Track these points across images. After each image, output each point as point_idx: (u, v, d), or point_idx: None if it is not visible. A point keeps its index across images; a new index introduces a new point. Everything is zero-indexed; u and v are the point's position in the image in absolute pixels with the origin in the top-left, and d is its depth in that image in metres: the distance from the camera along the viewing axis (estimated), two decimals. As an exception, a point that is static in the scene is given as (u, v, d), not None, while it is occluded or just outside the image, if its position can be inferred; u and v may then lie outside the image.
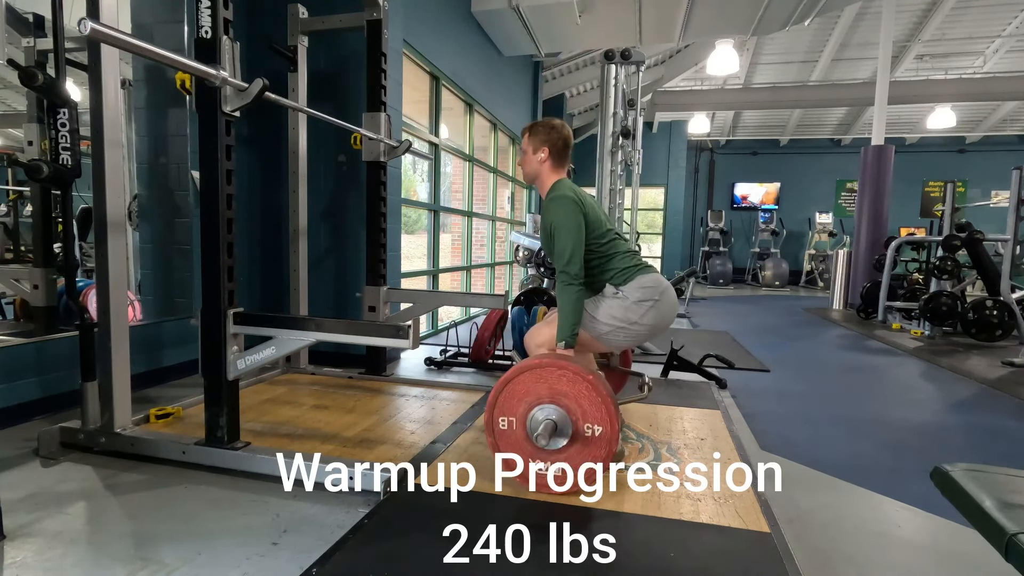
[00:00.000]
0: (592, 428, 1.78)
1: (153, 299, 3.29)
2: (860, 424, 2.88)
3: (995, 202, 10.00)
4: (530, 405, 1.83)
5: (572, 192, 2.08)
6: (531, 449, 1.83)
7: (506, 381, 1.86)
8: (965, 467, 1.06)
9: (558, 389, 1.81)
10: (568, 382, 1.80)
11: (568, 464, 1.81)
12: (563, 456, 1.81)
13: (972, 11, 8.27)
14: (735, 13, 6.07)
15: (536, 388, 1.83)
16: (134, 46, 1.59)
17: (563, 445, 1.80)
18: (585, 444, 1.79)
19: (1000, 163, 11.71)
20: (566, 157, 2.17)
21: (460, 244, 6.67)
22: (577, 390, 1.79)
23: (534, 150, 2.14)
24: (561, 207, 2.03)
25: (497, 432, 1.87)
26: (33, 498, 1.76)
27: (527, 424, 1.83)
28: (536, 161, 2.15)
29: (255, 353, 2.01)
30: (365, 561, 1.44)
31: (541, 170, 2.16)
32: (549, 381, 1.82)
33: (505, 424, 1.86)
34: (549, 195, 2.12)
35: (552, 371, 1.82)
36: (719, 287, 11.92)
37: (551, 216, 2.05)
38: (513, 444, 1.85)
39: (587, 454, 1.80)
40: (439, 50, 4.93)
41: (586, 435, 1.79)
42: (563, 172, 2.18)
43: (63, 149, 2.54)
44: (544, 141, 2.13)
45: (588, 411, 1.79)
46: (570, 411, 1.80)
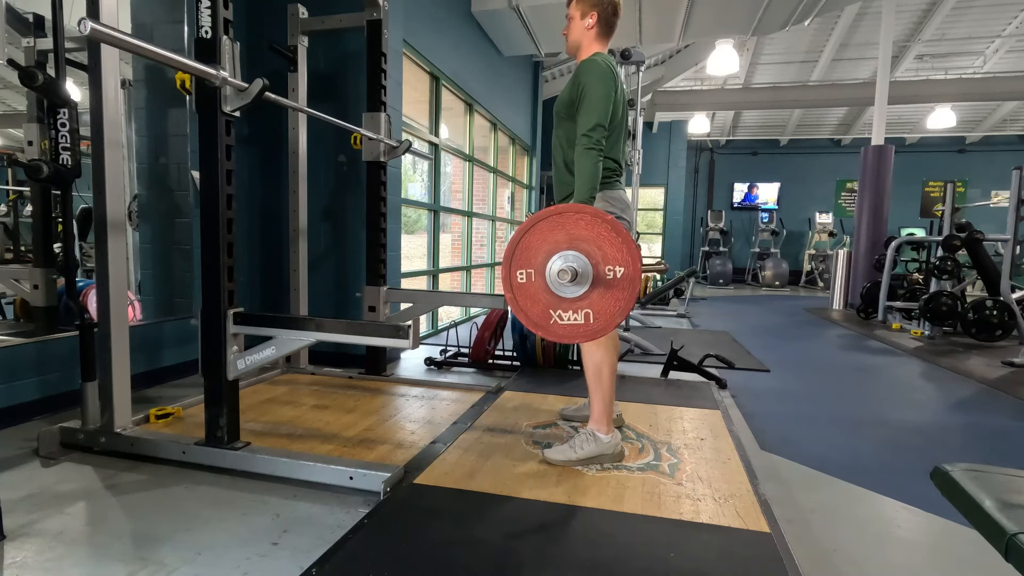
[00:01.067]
0: (614, 270, 1.71)
1: (153, 299, 3.29)
2: (860, 424, 2.88)
3: (995, 202, 9.99)
4: (548, 253, 1.74)
5: (612, 65, 1.98)
6: (551, 299, 1.76)
7: (523, 232, 1.77)
8: (965, 467, 1.06)
9: (576, 234, 1.72)
10: (586, 226, 1.71)
11: (591, 309, 1.74)
12: (586, 302, 1.74)
13: (972, 11, 8.27)
14: (735, 13, 6.07)
15: (554, 235, 1.73)
16: (134, 46, 1.59)
17: (585, 291, 1.73)
18: (608, 287, 1.72)
19: (1000, 163, 11.72)
20: (613, 27, 2.08)
21: (460, 244, 6.67)
22: (596, 233, 1.70)
23: (582, 15, 2.04)
24: (599, 73, 1.95)
25: (515, 286, 1.78)
26: (33, 498, 1.76)
27: (546, 274, 1.75)
28: (583, 27, 2.05)
29: (255, 353, 2.01)
30: (365, 561, 1.44)
31: (586, 37, 2.05)
32: (567, 227, 1.72)
33: (524, 277, 1.77)
34: (587, 60, 2.01)
35: (570, 216, 1.73)
36: (719, 287, 11.92)
37: (586, 79, 1.95)
38: (533, 296, 1.78)
39: (610, 297, 1.72)
40: (439, 50, 4.93)
41: (608, 278, 1.71)
42: (607, 44, 2.08)
43: (63, 149, 2.55)
44: (594, 5, 2.03)
45: (608, 253, 1.70)
46: (590, 255, 1.71)
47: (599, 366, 2.08)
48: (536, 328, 1.80)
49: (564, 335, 1.78)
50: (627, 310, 1.74)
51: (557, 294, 1.74)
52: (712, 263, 12.39)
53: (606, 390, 2.09)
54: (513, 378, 3.35)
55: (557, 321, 1.77)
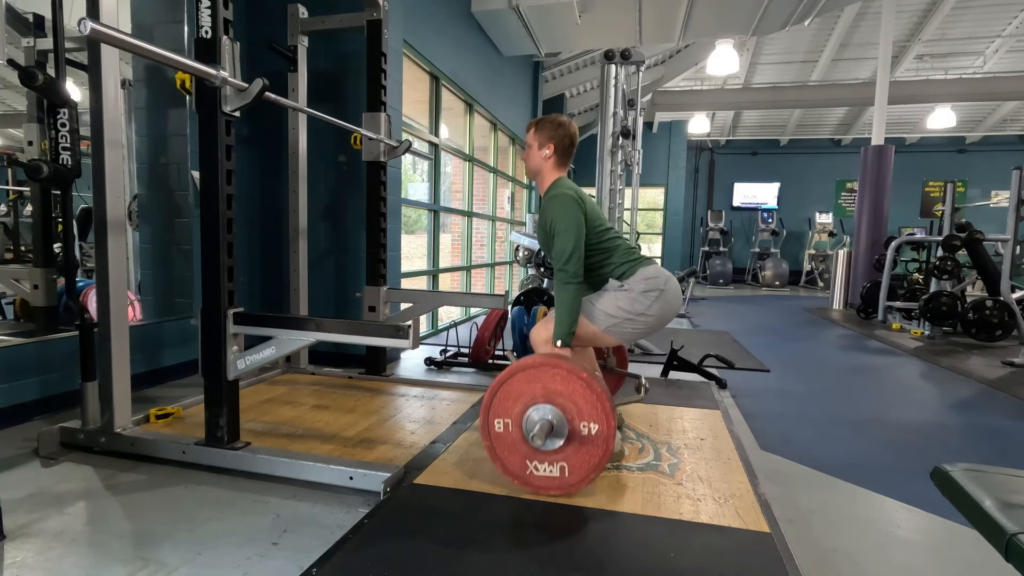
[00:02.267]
0: (588, 426, 1.77)
1: (153, 299, 3.29)
2: (860, 424, 2.88)
3: (995, 202, 9.99)
4: (525, 406, 1.81)
5: (572, 190, 2.07)
6: (528, 450, 1.82)
7: (500, 383, 1.84)
8: (965, 467, 1.06)
9: (552, 388, 1.80)
10: (562, 381, 1.79)
11: (566, 463, 1.80)
12: (561, 456, 1.80)
13: (972, 11, 8.27)
14: (735, 13, 6.07)
15: (530, 388, 1.81)
16: (134, 46, 1.59)
17: (560, 445, 1.79)
18: (582, 443, 1.78)
19: (1000, 163, 11.72)
20: (570, 156, 2.17)
21: (460, 244, 6.67)
22: (571, 388, 1.78)
23: (539, 146, 2.13)
24: (561, 205, 2.03)
25: (493, 435, 1.86)
26: (33, 498, 1.76)
27: (523, 425, 1.82)
28: (540, 157, 2.14)
29: (255, 353, 2.01)
30: (365, 561, 1.44)
31: (544, 166, 2.15)
32: (543, 380, 1.80)
33: (501, 426, 1.84)
34: (548, 192, 2.12)
35: (546, 370, 1.80)
36: (719, 287, 11.92)
37: (551, 214, 2.04)
38: (510, 446, 1.84)
39: (584, 452, 1.79)
40: (439, 50, 4.93)
41: (583, 433, 1.78)
42: (565, 170, 2.18)
43: (63, 149, 2.55)
44: (551, 138, 2.12)
45: (584, 409, 1.78)
46: (565, 410, 1.79)
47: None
48: (513, 478, 1.85)
49: (540, 486, 1.84)
50: (601, 467, 1.79)
51: (533, 446, 1.80)
52: (712, 263, 12.39)
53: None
54: (513, 378, 3.34)
55: (533, 472, 1.84)
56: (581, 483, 1.81)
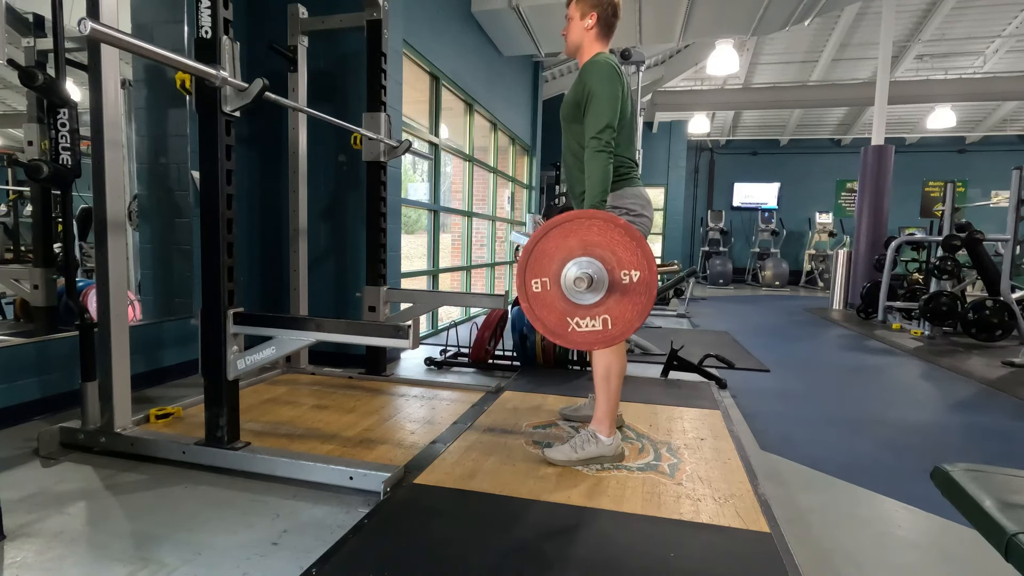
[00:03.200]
0: (629, 274, 1.69)
1: (153, 299, 3.29)
2: (860, 424, 2.88)
3: (995, 202, 10.00)
4: (563, 261, 1.72)
5: (615, 64, 1.98)
6: (568, 307, 1.74)
7: (535, 240, 1.74)
8: (965, 467, 1.06)
9: (589, 240, 1.70)
10: (599, 231, 1.69)
11: (609, 315, 1.72)
12: (603, 308, 1.72)
13: (972, 11, 8.27)
14: (735, 13, 6.07)
15: (567, 243, 1.71)
16: (134, 46, 1.59)
17: (602, 297, 1.71)
18: (624, 292, 1.70)
19: (1000, 163, 11.72)
20: (613, 27, 2.08)
21: (460, 244, 6.67)
22: (609, 238, 1.69)
23: (581, 15, 2.04)
24: (605, 73, 1.94)
25: (531, 296, 1.76)
26: (33, 498, 1.76)
27: (561, 282, 1.73)
28: (582, 27, 2.04)
29: (255, 353, 2.01)
30: (365, 561, 1.44)
31: (586, 38, 2.05)
32: (579, 233, 1.70)
33: (539, 286, 1.75)
34: (590, 61, 2.01)
35: (581, 222, 1.71)
36: (719, 287, 11.92)
37: (591, 81, 1.94)
38: (549, 305, 1.76)
39: (627, 302, 1.71)
40: (439, 50, 4.93)
41: (624, 283, 1.70)
42: (607, 45, 2.08)
43: (63, 149, 2.55)
44: (594, 6, 2.03)
45: (623, 258, 1.69)
46: (604, 260, 1.69)
47: (608, 368, 2.09)
48: (554, 336, 1.77)
49: (583, 342, 1.76)
50: (645, 315, 1.72)
51: (574, 301, 1.73)
52: (712, 263, 12.39)
53: (613, 392, 2.09)
54: (513, 378, 3.35)
55: (575, 328, 1.76)
56: (625, 334, 1.74)
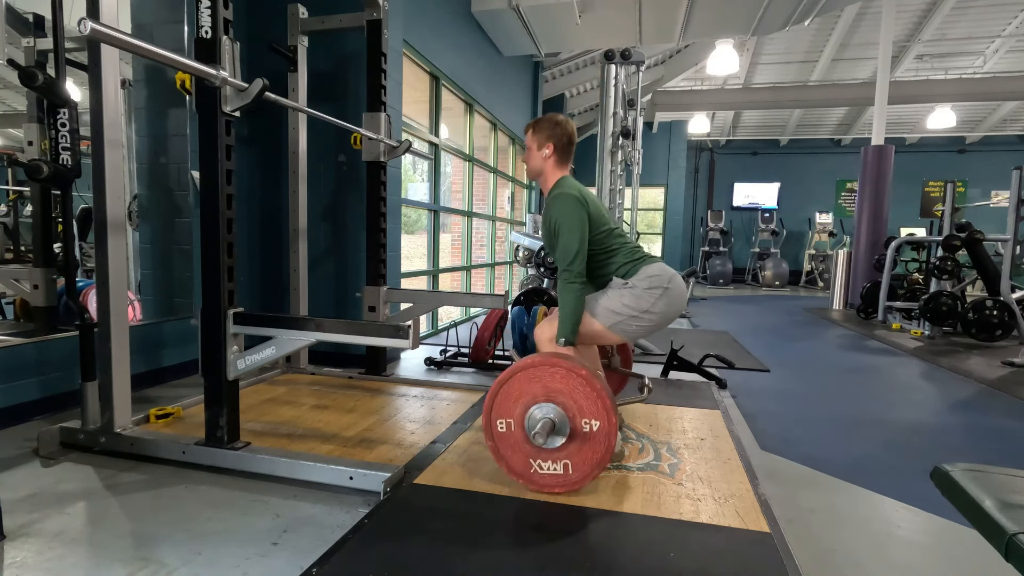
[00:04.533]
0: (590, 423, 1.78)
1: (153, 299, 3.28)
2: (860, 424, 2.88)
3: (995, 202, 9.99)
4: (526, 405, 1.82)
5: (575, 189, 2.08)
6: (531, 449, 1.83)
7: (500, 383, 1.85)
8: (965, 467, 1.06)
9: (552, 387, 1.80)
10: (561, 379, 1.80)
11: (570, 461, 1.81)
12: (564, 453, 1.81)
13: (972, 11, 8.27)
14: (735, 13, 6.07)
15: (531, 388, 1.82)
16: (134, 46, 1.59)
17: (563, 442, 1.80)
18: (584, 440, 1.79)
19: (1000, 163, 11.72)
20: (570, 154, 2.18)
21: (460, 244, 6.67)
22: (571, 386, 1.79)
23: (539, 146, 2.14)
24: (565, 204, 2.03)
25: (496, 435, 1.87)
26: (33, 498, 1.76)
27: (525, 425, 1.83)
28: (540, 157, 2.15)
29: (255, 353, 2.01)
30: (365, 561, 1.44)
31: (545, 166, 2.16)
32: (543, 380, 1.81)
33: (504, 426, 1.85)
34: (552, 192, 2.12)
35: (545, 369, 1.81)
36: (719, 287, 11.91)
37: (555, 214, 2.05)
38: (513, 446, 1.85)
39: (587, 449, 1.79)
40: (439, 50, 4.93)
41: (584, 431, 1.79)
42: (567, 169, 2.18)
43: (63, 149, 2.55)
44: (549, 137, 2.13)
45: (584, 407, 1.78)
46: (566, 408, 1.80)
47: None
48: (518, 477, 1.86)
49: (545, 484, 1.84)
50: (604, 464, 1.80)
51: (536, 445, 1.80)
52: (712, 263, 12.39)
53: None
54: (513, 378, 3.34)
55: (537, 470, 1.85)
56: (585, 479, 1.81)
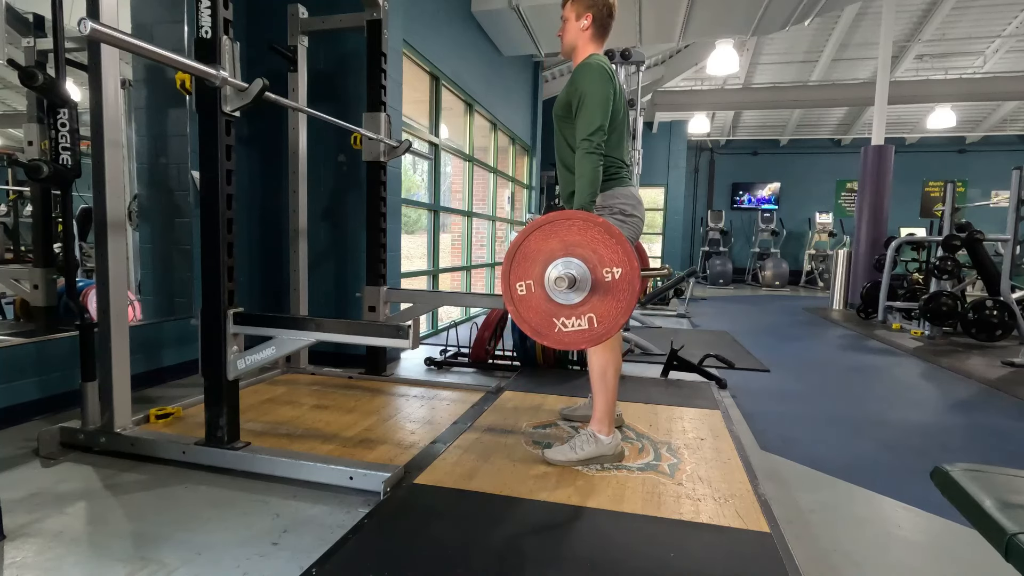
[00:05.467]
0: (611, 271, 1.72)
1: (153, 299, 3.29)
2: (860, 424, 2.88)
3: (995, 202, 9.99)
4: (545, 263, 1.75)
5: (608, 66, 2.00)
6: (554, 307, 1.76)
7: (517, 244, 1.77)
8: (965, 467, 1.06)
9: (570, 240, 1.72)
10: (578, 231, 1.72)
11: (594, 314, 1.74)
12: (587, 307, 1.74)
13: (972, 11, 8.27)
14: (735, 13, 6.07)
15: (548, 245, 1.74)
16: (134, 46, 1.59)
17: (585, 296, 1.74)
18: (607, 290, 1.73)
19: (1000, 163, 11.73)
20: (608, 28, 2.10)
21: (460, 244, 6.67)
22: (589, 237, 1.71)
23: (577, 16, 2.06)
24: (597, 76, 1.96)
25: (516, 299, 1.78)
26: (33, 498, 1.76)
27: (545, 283, 1.75)
28: (577, 28, 2.06)
29: (255, 353, 2.01)
30: (365, 561, 1.44)
31: (581, 39, 2.07)
32: (559, 234, 1.73)
33: (523, 289, 1.77)
34: (583, 63, 2.03)
35: (561, 223, 1.73)
36: (719, 287, 11.91)
37: (583, 83, 1.96)
38: (535, 307, 1.78)
39: (611, 299, 1.73)
40: (439, 50, 4.93)
41: (606, 280, 1.72)
42: (602, 45, 2.11)
43: (63, 149, 2.55)
44: (589, 7, 2.04)
45: (604, 256, 1.71)
46: (586, 260, 1.72)
47: (604, 367, 2.08)
48: (540, 337, 1.79)
49: (569, 342, 1.78)
50: (629, 311, 1.73)
51: (558, 302, 1.75)
52: (712, 263, 12.39)
53: (610, 391, 2.09)
54: (513, 378, 3.35)
55: (561, 329, 1.77)
56: (611, 331, 1.75)
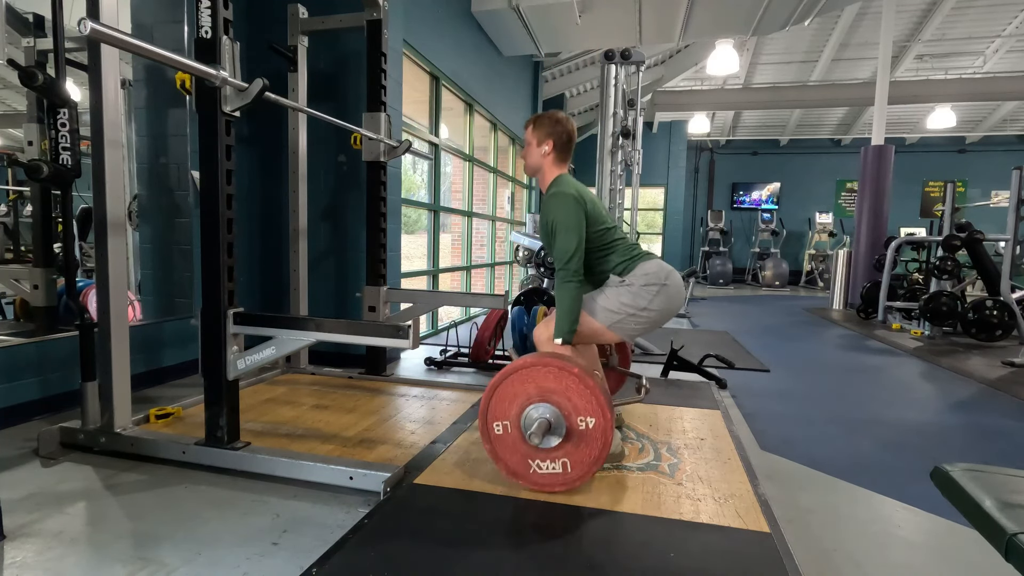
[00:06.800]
0: (585, 421, 1.78)
1: (153, 299, 3.28)
2: (860, 424, 2.88)
3: (995, 202, 9.99)
4: (521, 406, 1.82)
5: (573, 188, 2.07)
6: (529, 450, 1.83)
7: (494, 386, 1.85)
8: (965, 467, 1.06)
9: (546, 386, 1.80)
10: (555, 378, 1.79)
11: (568, 459, 1.81)
12: (561, 452, 1.81)
13: (972, 11, 8.27)
14: (735, 13, 6.07)
15: (524, 389, 1.82)
16: (134, 46, 1.59)
17: (559, 441, 1.79)
18: (580, 438, 1.79)
19: (1000, 163, 11.72)
20: (569, 152, 2.17)
21: (460, 244, 6.67)
22: (564, 385, 1.79)
23: (538, 143, 2.13)
24: (563, 203, 2.03)
25: (493, 438, 1.87)
26: (33, 498, 1.76)
27: (521, 426, 1.82)
28: (539, 154, 2.14)
29: (255, 353, 2.01)
30: (365, 561, 1.44)
31: (544, 163, 2.15)
32: (536, 380, 1.81)
33: (500, 429, 1.85)
34: (550, 190, 2.11)
35: (538, 370, 1.81)
36: (719, 287, 11.91)
37: (552, 213, 2.04)
38: (511, 447, 1.85)
39: (584, 447, 1.79)
40: (439, 50, 4.93)
41: (580, 429, 1.79)
42: (565, 167, 2.17)
43: (63, 149, 2.54)
44: (549, 134, 2.12)
45: (579, 405, 1.78)
46: (561, 407, 1.79)
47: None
48: (516, 477, 1.86)
49: (544, 484, 1.84)
50: (602, 461, 1.80)
51: (534, 444, 1.80)
52: (712, 263, 12.39)
53: None
54: (513, 378, 3.34)
55: (536, 470, 1.84)
56: (583, 477, 1.81)
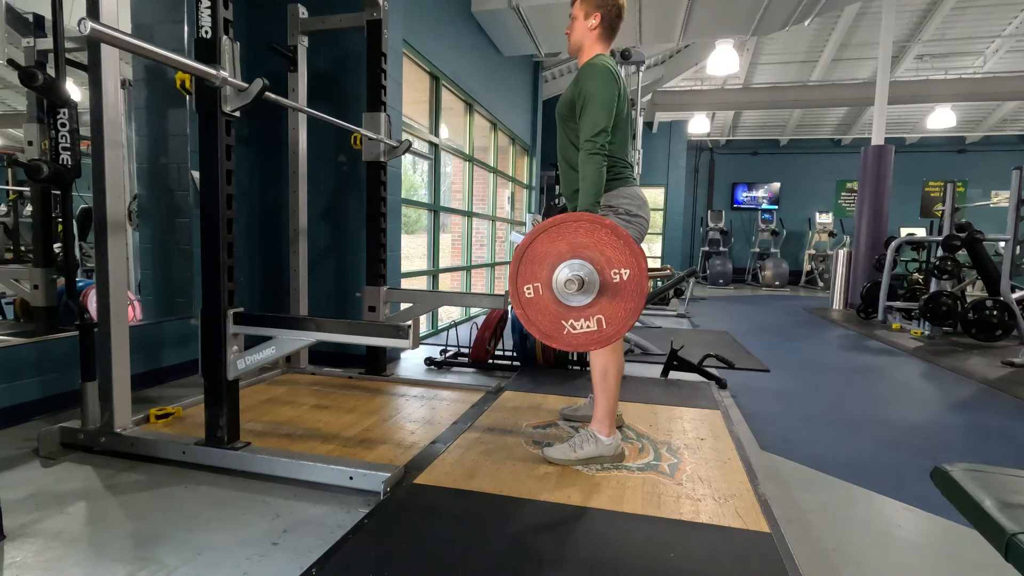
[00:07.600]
0: (620, 273, 1.70)
1: (153, 299, 3.28)
2: (860, 424, 2.88)
3: (995, 202, 9.99)
4: (553, 265, 1.73)
5: (613, 67, 2.00)
6: (562, 310, 1.75)
7: (524, 247, 1.76)
8: (965, 467, 1.06)
9: (577, 242, 1.71)
10: (586, 233, 1.70)
11: (603, 315, 1.73)
12: (596, 309, 1.73)
13: (972, 11, 8.27)
14: (735, 13, 6.07)
15: (556, 246, 1.73)
16: (134, 46, 1.59)
17: (594, 298, 1.72)
18: (615, 292, 1.71)
19: (1000, 163, 11.73)
20: (617, 29, 2.09)
21: (460, 244, 6.67)
22: (597, 238, 1.69)
23: (585, 15, 2.05)
24: (601, 77, 1.96)
25: (524, 302, 1.77)
26: (33, 498, 1.76)
27: (553, 286, 1.73)
28: (585, 28, 2.06)
29: (255, 353, 2.01)
30: (365, 561, 1.44)
31: (588, 38, 2.07)
32: (567, 236, 1.71)
33: (531, 291, 1.76)
34: (588, 63, 2.03)
35: (568, 225, 1.72)
36: (719, 287, 11.92)
37: (588, 84, 1.96)
38: (543, 310, 1.77)
39: (619, 301, 1.72)
40: (439, 50, 4.93)
41: (615, 282, 1.70)
42: (609, 45, 2.10)
43: (63, 149, 2.55)
44: (598, 6, 2.04)
45: (612, 257, 1.69)
46: (594, 261, 1.70)
47: (605, 367, 2.08)
48: (550, 340, 1.78)
49: (578, 344, 1.77)
50: (638, 312, 1.72)
51: (567, 304, 1.73)
52: (712, 263, 12.39)
53: (611, 392, 2.09)
54: (513, 378, 3.35)
55: (570, 331, 1.76)
56: (619, 333, 1.73)
